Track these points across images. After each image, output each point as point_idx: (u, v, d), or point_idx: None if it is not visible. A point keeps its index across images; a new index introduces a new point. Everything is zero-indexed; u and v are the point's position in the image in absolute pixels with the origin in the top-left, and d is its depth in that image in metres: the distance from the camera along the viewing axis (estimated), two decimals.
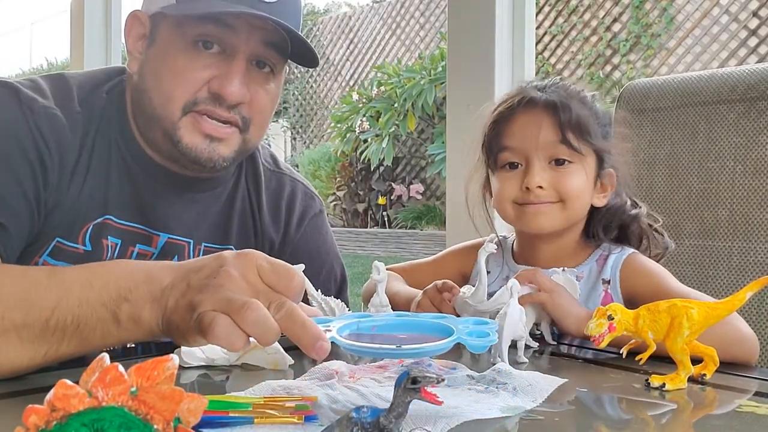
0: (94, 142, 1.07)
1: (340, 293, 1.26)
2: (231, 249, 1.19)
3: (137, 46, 1.08)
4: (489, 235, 1.26)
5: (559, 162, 1.12)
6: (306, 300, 1.17)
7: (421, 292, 1.14)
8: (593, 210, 1.19)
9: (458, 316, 1.07)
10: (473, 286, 1.05)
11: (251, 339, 0.65)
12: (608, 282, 1.13)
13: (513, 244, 1.27)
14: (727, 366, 0.86)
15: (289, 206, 1.26)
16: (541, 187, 1.11)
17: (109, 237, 1.08)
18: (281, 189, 1.26)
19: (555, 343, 1.04)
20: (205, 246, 1.17)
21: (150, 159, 1.11)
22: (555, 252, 1.17)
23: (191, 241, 1.15)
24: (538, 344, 1.02)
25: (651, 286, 1.07)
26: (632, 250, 1.16)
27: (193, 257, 1.15)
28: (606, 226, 1.19)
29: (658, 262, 1.19)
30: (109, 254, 1.08)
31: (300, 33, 1.05)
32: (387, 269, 1.32)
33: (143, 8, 1.09)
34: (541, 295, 1.01)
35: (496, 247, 1.03)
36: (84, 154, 1.06)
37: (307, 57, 1.09)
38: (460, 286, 1.08)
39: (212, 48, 1.03)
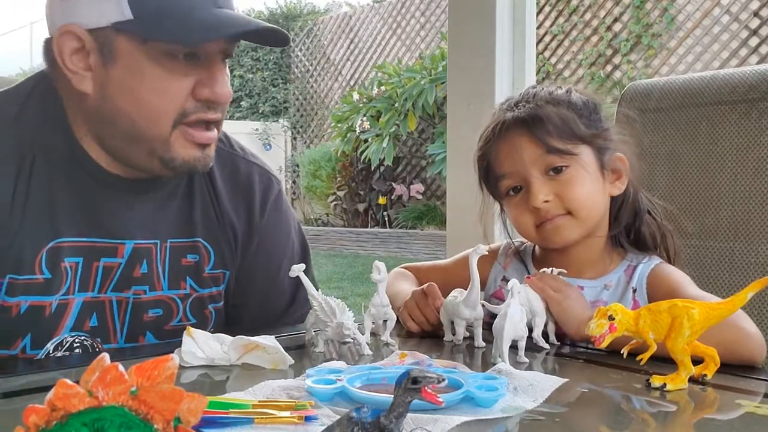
0: (32, 166, 1.02)
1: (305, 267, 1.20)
2: (199, 242, 1.15)
3: (75, 61, 1.01)
4: (504, 241, 1.25)
5: (557, 170, 1.10)
6: (306, 299, 1.17)
7: (410, 293, 1.14)
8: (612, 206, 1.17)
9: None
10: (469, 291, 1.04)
11: (252, 338, 0.65)
12: (636, 290, 1.12)
13: (534, 249, 1.24)
14: (728, 366, 0.86)
15: (248, 189, 1.21)
16: (547, 201, 1.10)
17: (66, 259, 1.03)
18: (236, 170, 1.21)
19: (558, 343, 1.04)
20: (171, 242, 1.13)
21: (102, 169, 1.07)
22: (582, 260, 1.15)
23: (157, 241, 1.11)
24: (549, 346, 1.02)
25: (668, 292, 1.05)
26: (659, 260, 1.15)
27: (161, 258, 1.11)
28: (618, 219, 1.17)
29: (671, 260, 1.17)
30: (70, 276, 1.04)
31: (263, 23, 1.04)
32: (404, 267, 1.31)
33: (72, 21, 1.00)
34: (551, 293, 1.02)
35: (487, 249, 1.02)
36: (21, 181, 1.01)
37: (276, 38, 1.06)
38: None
39: (187, 56, 1.01)
